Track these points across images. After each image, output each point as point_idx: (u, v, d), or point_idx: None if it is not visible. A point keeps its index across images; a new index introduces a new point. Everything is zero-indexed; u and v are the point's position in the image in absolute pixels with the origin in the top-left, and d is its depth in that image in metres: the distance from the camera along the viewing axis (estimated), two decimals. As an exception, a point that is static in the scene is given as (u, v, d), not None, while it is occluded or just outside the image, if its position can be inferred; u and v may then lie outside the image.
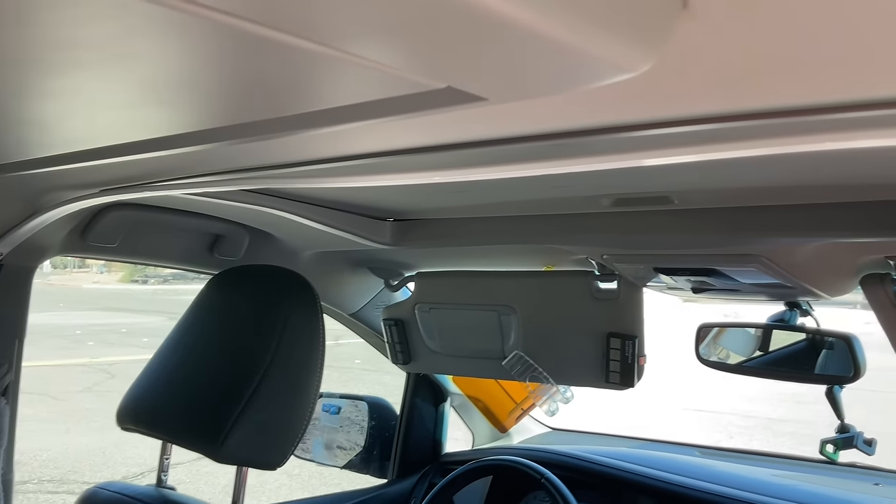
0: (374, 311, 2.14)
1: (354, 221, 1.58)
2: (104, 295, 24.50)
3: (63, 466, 6.17)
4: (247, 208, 1.43)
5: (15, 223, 1.27)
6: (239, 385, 1.19)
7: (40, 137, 0.80)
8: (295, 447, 1.24)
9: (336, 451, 2.34)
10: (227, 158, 0.91)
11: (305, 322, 1.26)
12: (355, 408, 2.34)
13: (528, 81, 0.46)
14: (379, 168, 0.81)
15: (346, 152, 0.79)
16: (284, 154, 0.84)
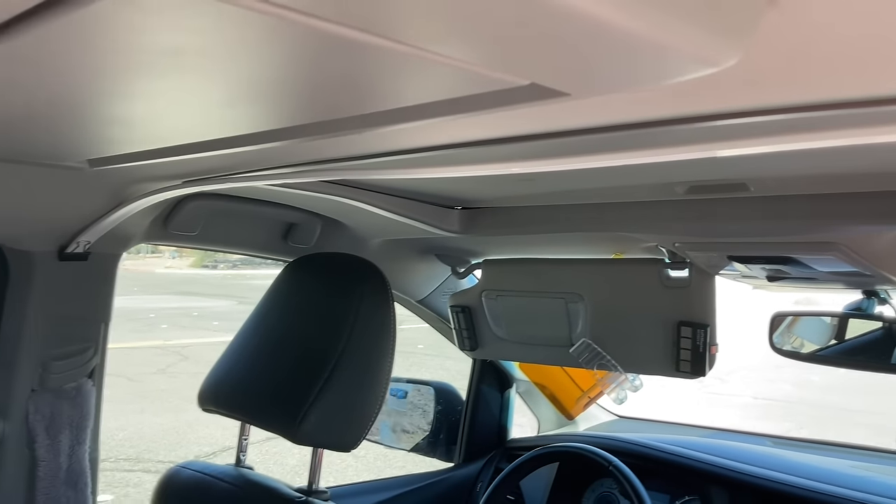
0: (441, 298, 2.16)
1: (423, 210, 1.60)
2: (176, 279, 25.27)
3: (138, 446, 6.41)
4: (320, 197, 1.46)
5: (102, 213, 1.33)
6: (315, 369, 1.22)
7: (131, 134, 0.83)
8: (368, 430, 1.27)
9: (403, 434, 2.38)
10: (305, 152, 0.94)
11: (377, 308, 1.29)
12: (422, 392, 2.37)
13: (613, 77, 0.46)
14: (455, 159, 0.82)
15: (422, 144, 0.80)
16: (363, 146, 0.86)
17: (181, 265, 33.19)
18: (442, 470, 2.33)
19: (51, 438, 1.47)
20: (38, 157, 1.04)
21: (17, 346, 1.44)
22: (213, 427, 7.01)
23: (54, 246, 1.41)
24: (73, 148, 0.96)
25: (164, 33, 0.45)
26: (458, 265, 2.04)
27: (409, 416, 2.35)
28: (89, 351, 1.53)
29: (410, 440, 2.37)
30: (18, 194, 1.22)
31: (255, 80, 0.56)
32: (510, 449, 2.32)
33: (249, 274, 30.63)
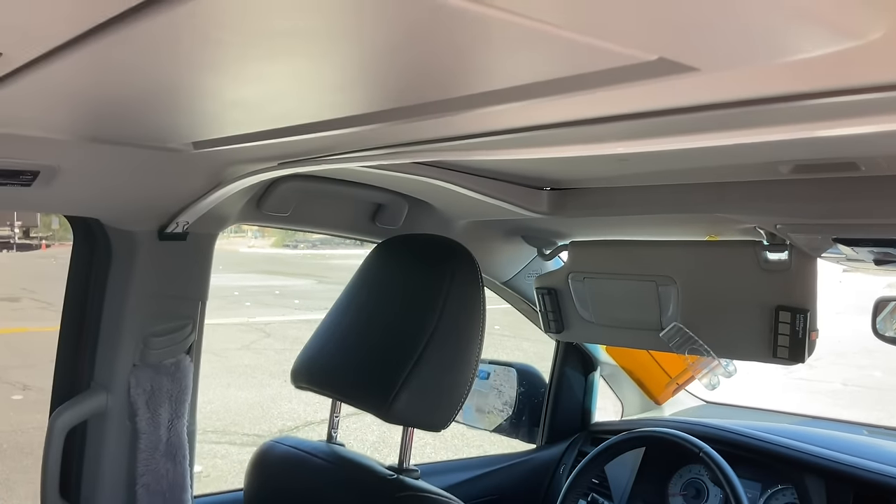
0: (526, 280, 2.15)
1: (512, 191, 1.58)
2: (258, 258, 25.99)
3: (225, 419, 6.63)
4: (408, 178, 1.46)
5: (201, 194, 1.36)
6: (406, 349, 1.23)
7: (235, 117, 0.85)
8: (458, 410, 1.27)
9: (486, 414, 2.38)
10: (400, 133, 0.93)
11: (468, 290, 1.28)
12: (504, 374, 2.37)
13: (748, 51, 0.43)
14: (558, 139, 0.80)
15: (525, 124, 0.78)
16: (462, 127, 0.85)
17: (263, 244, 34.10)
18: (524, 451, 2.32)
19: (151, 412, 1.53)
20: (147, 140, 1.07)
21: (119, 323, 1.50)
22: (295, 402, 7.21)
23: (155, 226, 1.45)
24: (180, 130, 0.98)
25: (280, 17, 0.44)
26: (544, 247, 2.02)
27: (492, 397, 2.35)
28: (187, 328, 1.58)
29: (493, 421, 2.37)
30: (124, 176, 1.26)
31: (361, 63, 0.56)
32: (594, 432, 2.29)
33: (328, 254, 31.22)
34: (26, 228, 24.85)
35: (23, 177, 1.14)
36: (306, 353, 1.41)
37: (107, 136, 1.04)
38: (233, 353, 9.27)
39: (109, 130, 0.99)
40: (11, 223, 23.23)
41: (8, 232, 23.97)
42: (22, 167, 1.12)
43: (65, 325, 1.58)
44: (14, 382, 7.27)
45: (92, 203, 1.36)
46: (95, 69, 0.59)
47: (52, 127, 0.98)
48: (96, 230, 1.49)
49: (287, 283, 18.64)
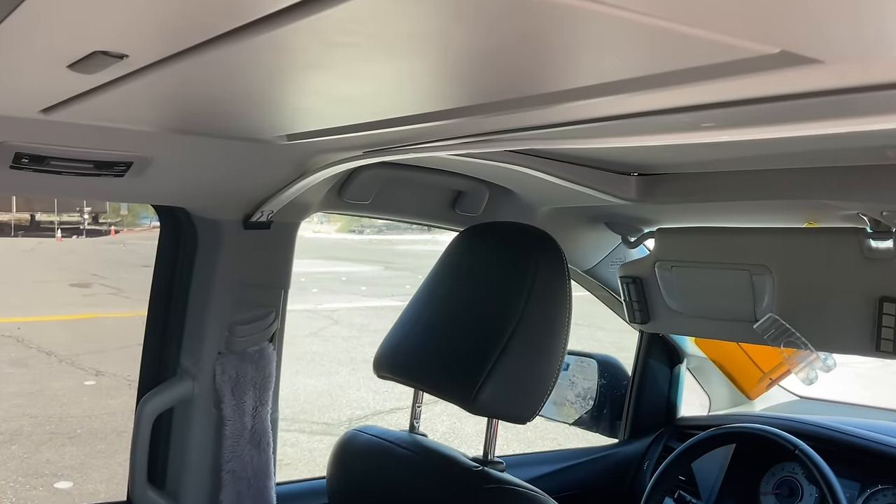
0: (609, 268, 2.15)
1: (598, 177, 1.59)
2: (324, 244, 26.42)
3: (294, 406, 6.80)
4: (489, 165, 1.48)
5: (286, 183, 1.42)
6: (490, 339, 1.25)
7: (332, 112, 0.89)
8: (544, 402, 1.29)
9: (566, 407, 2.39)
10: (491, 123, 0.96)
11: (553, 279, 1.29)
12: (585, 365, 2.37)
13: (877, 40, 0.44)
14: (657, 127, 0.81)
15: (624, 111, 0.80)
16: (554, 116, 0.87)
17: (329, 230, 34.65)
18: (607, 446, 2.33)
19: (236, 399, 1.60)
20: (242, 133, 1.13)
21: (205, 311, 1.57)
22: (364, 391, 7.35)
23: (240, 215, 1.51)
24: (277, 124, 1.03)
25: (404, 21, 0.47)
26: (629, 234, 2.01)
27: (572, 389, 2.36)
28: (270, 316, 1.64)
29: (573, 413, 2.37)
30: (214, 167, 1.32)
31: (467, 60, 0.58)
32: (681, 427, 2.28)
33: (394, 239, 31.50)
34: (95, 214, 25.87)
35: (117, 167, 1.21)
36: (389, 343, 1.45)
37: (202, 129, 1.10)
38: (301, 339, 9.50)
39: (206, 124, 1.05)
40: (81, 209, 24.21)
41: (77, 218, 24.99)
42: (117, 158, 1.18)
43: (151, 313, 1.66)
44: (87, 368, 7.60)
45: (180, 193, 1.43)
46: (211, 72, 0.63)
47: (153, 121, 1.04)
48: (183, 219, 1.56)
49: (353, 269, 18.91)
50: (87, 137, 1.09)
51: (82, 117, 0.99)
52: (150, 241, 1.72)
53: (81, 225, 24.77)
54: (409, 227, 2.21)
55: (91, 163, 1.17)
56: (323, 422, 6.55)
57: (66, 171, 1.18)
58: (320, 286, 14.87)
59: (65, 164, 1.16)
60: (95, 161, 1.17)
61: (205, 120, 1.02)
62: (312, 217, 1.74)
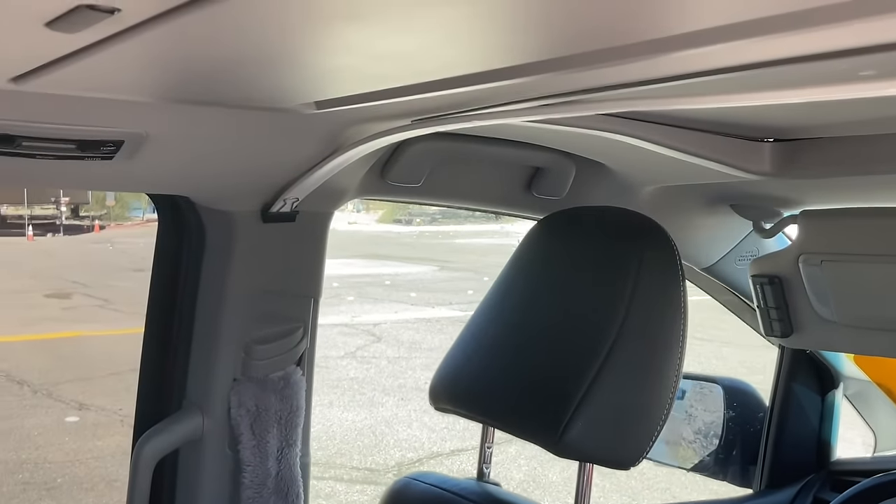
0: (737, 265, 2.13)
1: (719, 144, 1.57)
2: (363, 238, 26.66)
3: (328, 447, 6.90)
4: (579, 133, 1.48)
5: (314, 163, 1.44)
6: (580, 361, 1.25)
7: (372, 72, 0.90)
8: (653, 441, 1.29)
9: (682, 448, 2.37)
10: (577, 80, 0.96)
11: (663, 280, 1.29)
12: (707, 392, 2.34)
13: None
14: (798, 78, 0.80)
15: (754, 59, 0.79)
16: (652, 70, 0.86)
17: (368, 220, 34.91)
18: (738, 498, 2.30)
19: (257, 438, 1.64)
20: (258, 101, 1.15)
21: (215, 327, 1.61)
22: (416, 427, 7.41)
23: (257, 205, 1.54)
24: (302, 88, 1.05)
25: None
26: (763, 219, 1.98)
27: (690, 424, 2.34)
28: (297, 332, 1.67)
29: (691, 456, 2.36)
30: (224, 144, 1.35)
31: None
32: (836, 473, 2.25)
33: (452, 230, 31.53)
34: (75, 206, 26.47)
35: (104, 148, 1.25)
36: (449, 366, 1.46)
37: (209, 98, 1.13)
38: (335, 362, 9.62)
39: (214, 91, 1.07)
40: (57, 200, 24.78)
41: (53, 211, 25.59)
42: (104, 136, 1.22)
43: (150, 331, 1.71)
44: (68, 401, 7.80)
45: (183, 178, 1.46)
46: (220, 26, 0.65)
47: (148, 90, 1.07)
48: (187, 211, 1.60)
49: (400, 270, 19.03)
50: (67, 111, 1.13)
51: (62, 87, 1.02)
52: (143, 239, 1.76)
53: (58, 220, 25.32)
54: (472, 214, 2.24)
55: (73, 143, 1.20)
56: (365, 467, 6.62)
57: (42, 154, 1.21)
58: (358, 293, 15.00)
59: (40, 145, 1.19)
60: (78, 140, 1.21)
61: (212, 86, 1.04)
62: (347, 205, 1.76)
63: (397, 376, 9.18)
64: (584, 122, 1.41)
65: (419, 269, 19.52)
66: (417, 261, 20.98)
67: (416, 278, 17.69)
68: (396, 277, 17.62)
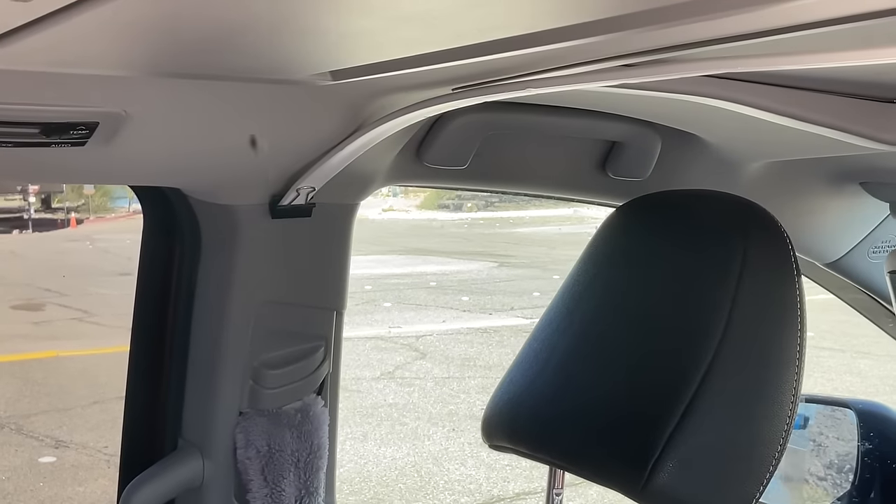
0: (870, 258, 2.11)
1: (844, 108, 1.56)
2: (401, 229, 26.74)
3: (363, 491, 6.95)
4: (667, 98, 1.47)
5: (333, 145, 1.44)
6: (671, 385, 1.25)
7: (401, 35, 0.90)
8: (766, 483, 1.29)
9: (807, 487, 2.36)
10: (647, 39, 0.95)
11: (773, 280, 1.29)
12: (835, 418, 2.34)
13: None
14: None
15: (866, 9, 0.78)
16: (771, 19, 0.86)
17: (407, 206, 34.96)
18: (877, 553, 2.29)
19: (269, 486, 1.65)
20: (262, 71, 1.16)
21: (217, 347, 1.62)
22: (470, 464, 7.42)
23: (265, 197, 1.55)
24: (315, 55, 1.05)
25: None
26: (902, 200, 1.97)
27: (818, 458, 2.33)
28: (317, 353, 1.68)
29: (823, 497, 2.35)
30: (222, 124, 1.36)
31: None
32: None
33: (513, 217, 31.45)
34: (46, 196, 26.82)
35: (75, 132, 1.26)
36: (507, 392, 1.46)
37: (203, 70, 1.14)
38: (368, 384, 9.67)
39: (210, 62, 1.08)
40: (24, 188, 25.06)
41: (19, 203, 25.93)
42: (75, 118, 1.23)
43: (137, 352, 1.73)
44: (42, 437, 7.92)
45: (172, 166, 1.48)
46: None
47: (130, 62, 1.08)
48: (178, 207, 1.62)
49: (447, 267, 19.07)
50: (30, 90, 1.14)
51: (24, 61, 1.03)
52: (129, 235, 1.78)
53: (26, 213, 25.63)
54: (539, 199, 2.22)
55: (37, 126, 1.22)
56: (408, 515, 6.66)
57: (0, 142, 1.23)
58: (396, 297, 15.05)
59: None
60: (43, 123, 1.22)
61: (207, 56, 1.05)
62: (379, 189, 1.77)
63: (446, 402, 9.21)
64: (672, 86, 1.40)
65: (472, 266, 19.53)
66: (470, 256, 21.00)
67: (468, 278, 17.71)
68: (444, 277, 17.65)
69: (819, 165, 1.90)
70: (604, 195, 1.86)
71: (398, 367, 10.56)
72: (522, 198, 30.50)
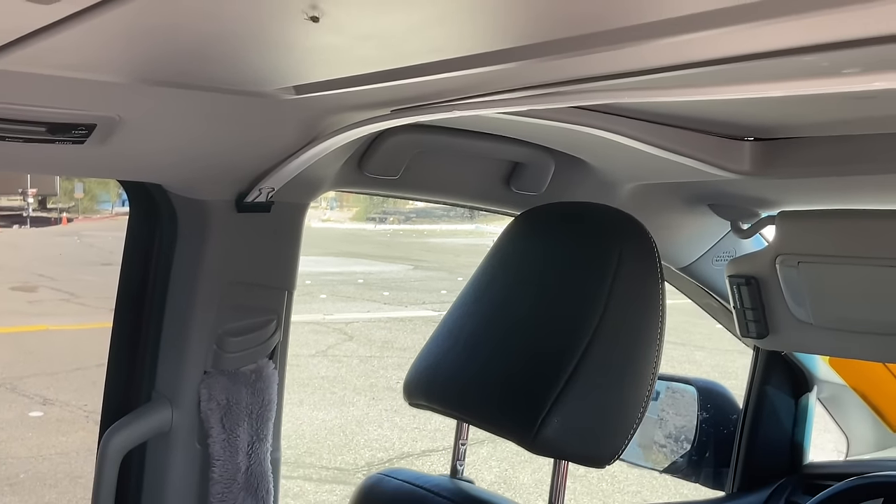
0: (714, 265, 2.14)
1: (700, 143, 1.58)
2: (336, 236, 26.58)
3: (297, 447, 6.88)
4: (558, 128, 1.48)
5: (291, 152, 1.43)
6: (557, 358, 1.25)
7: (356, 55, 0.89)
8: (629, 439, 1.29)
9: (654, 449, 2.38)
10: (557, 69, 0.96)
11: (641, 277, 1.30)
12: (681, 394, 2.36)
13: None
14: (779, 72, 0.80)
15: (738, 52, 0.79)
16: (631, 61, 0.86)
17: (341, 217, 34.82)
18: (710, 500, 2.31)
19: (227, 432, 1.62)
20: (235, 84, 1.14)
21: (187, 318, 1.60)
22: (387, 427, 7.40)
23: (232, 194, 1.53)
24: (282, 71, 1.04)
25: None
26: (741, 219, 2.00)
27: (663, 428, 2.35)
28: (270, 325, 1.66)
29: (664, 458, 2.37)
30: (198, 129, 1.34)
31: None
32: (809, 477, 2.26)
33: (427, 229, 31.55)
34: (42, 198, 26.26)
35: (76, 131, 1.23)
36: (424, 362, 1.46)
37: (184, 80, 1.12)
38: (306, 360, 9.60)
39: (190, 72, 1.06)
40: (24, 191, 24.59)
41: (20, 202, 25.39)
42: (76, 119, 1.21)
43: (119, 322, 1.69)
44: (32, 395, 7.75)
45: (156, 165, 1.45)
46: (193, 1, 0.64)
47: (122, 69, 1.06)
48: (159, 200, 1.59)
49: (373, 268, 19.02)
50: (38, 92, 1.11)
51: (34, 64, 1.00)
52: (112, 233, 1.75)
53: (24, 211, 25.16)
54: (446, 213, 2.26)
55: (44, 125, 1.19)
56: (335, 466, 6.61)
57: (12, 137, 1.20)
58: (330, 291, 14.98)
59: (10, 127, 1.18)
60: (49, 123, 1.19)
61: (188, 68, 1.04)
62: (320, 202, 1.75)
63: (368, 375, 9.18)
64: (563, 116, 1.41)
65: (392, 267, 19.52)
66: (391, 259, 20.99)
67: (389, 277, 17.69)
68: (369, 276, 17.61)
69: (678, 188, 1.92)
70: (507, 206, 1.87)
71: (330, 347, 10.51)
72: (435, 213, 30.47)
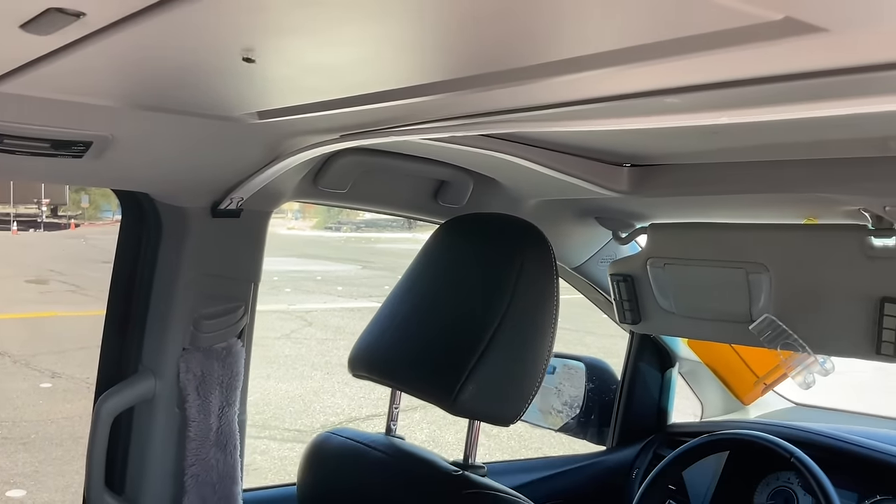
0: (599, 266, 2.15)
1: (588, 167, 1.59)
2: (299, 241, 26.37)
3: (265, 412, 6.79)
4: (474, 152, 1.48)
5: (258, 168, 1.40)
6: (473, 336, 1.25)
7: (308, 84, 0.88)
8: (529, 404, 1.30)
9: (551, 413, 2.39)
10: (471, 103, 0.95)
11: (540, 275, 1.30)
12: (572, 369, 2.37)
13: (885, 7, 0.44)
14: (651, 108, 0.81)
15: (614, 92, 0.79)
16: (534, 97, 0.86)
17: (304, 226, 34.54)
18: (594, 453, 2.33)
19: (201, 398, 1.59)
20: (210, 109, 1.12)
21: (169, 303, 1.56)
22: (338, 396, 7.35)
23: (208, 202, 1.50)
24: (248, 98, 1.02)
25: None
26: (620, 229, 2.02)
27: (558, 394, 2.36)
28: (239, 310, 1.63)
29: (559, 419, 2.38)
30: (179, 147, 1.31)
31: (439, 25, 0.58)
32: (671, 434, 2.29)
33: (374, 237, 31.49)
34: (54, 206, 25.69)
35: (75, 147, 1.20)
36: (365, 340, 1.44)
37: (166, 105, 1.09)
38: (273, 342, 9.48)
39: (171, 98, 1.03)
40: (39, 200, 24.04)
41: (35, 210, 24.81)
42: (75, 137, 1.17)
43: (112, 306, 1.64)
44: (42, 370, 7.56)
45: (143, 176, 1.42)
46: (174, 35, 0.62)
47: (113, 94, 1.03)
48: (146, 206, 1.55)
49: (329, 268, 18.89)
50: (42, 113, 1.08)
51: (37, 89, 0.97)
52: (112, 237, 1.71)
53: (39, 218, 24.62)
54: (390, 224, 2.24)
55: (48, 142, 1.16)
56: (295, 428, 6.54)
57: (22, 151, 1.16)
58: (294, 285, 14.83)
59: (20, 143, 1.14)
60: (52, 140, 1.16)
61: (169, 93, 1.01)
62: (286, 213, 1.73)
63: (324, 354, 9.10)
64: (478, 143, 1.41)
65: (346, 267, 19.40)
66: (344, 261, 20.86)
67: (342, 275, 17.57)
68: (327, 274, 17.48)
69: (571, 204, 1.93)
70: (435, 216, 1.86)
71: (293, 331, 10.40)
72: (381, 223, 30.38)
